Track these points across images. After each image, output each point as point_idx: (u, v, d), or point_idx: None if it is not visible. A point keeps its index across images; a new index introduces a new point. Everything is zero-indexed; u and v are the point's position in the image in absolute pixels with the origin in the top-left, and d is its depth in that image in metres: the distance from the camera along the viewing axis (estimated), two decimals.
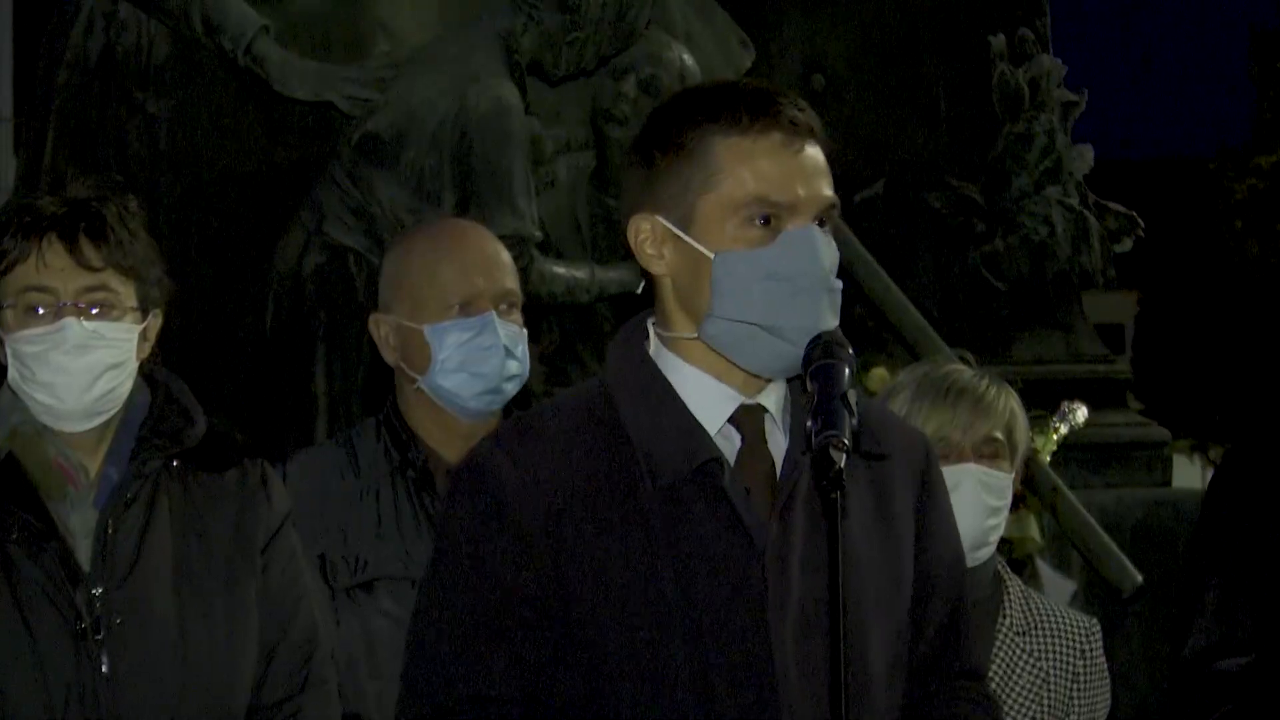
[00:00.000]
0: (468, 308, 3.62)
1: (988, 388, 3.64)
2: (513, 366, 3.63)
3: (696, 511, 2.55)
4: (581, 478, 2.56)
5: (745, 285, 2.54)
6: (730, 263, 2.55)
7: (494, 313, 3.61)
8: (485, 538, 2.57)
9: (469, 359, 3.60)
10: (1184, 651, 3.22)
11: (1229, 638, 3.17)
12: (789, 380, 2.64)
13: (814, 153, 2.59)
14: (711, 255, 2.56)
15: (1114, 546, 6.36)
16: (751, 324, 2.55)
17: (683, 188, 2.58)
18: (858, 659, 2.57)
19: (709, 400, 2.60)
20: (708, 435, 2.58)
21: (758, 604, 2.53)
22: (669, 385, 2.61)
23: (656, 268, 2.62)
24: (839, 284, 2.59)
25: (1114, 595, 6.28)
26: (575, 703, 2.55)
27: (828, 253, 2.57)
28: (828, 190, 2.59)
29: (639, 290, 5.93)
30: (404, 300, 3.68)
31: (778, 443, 2.62)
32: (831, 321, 2.57)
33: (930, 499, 2.74)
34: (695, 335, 2.61)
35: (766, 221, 2.55)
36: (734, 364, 2.59)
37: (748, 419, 2.61)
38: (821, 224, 2.59)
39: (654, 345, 2.66)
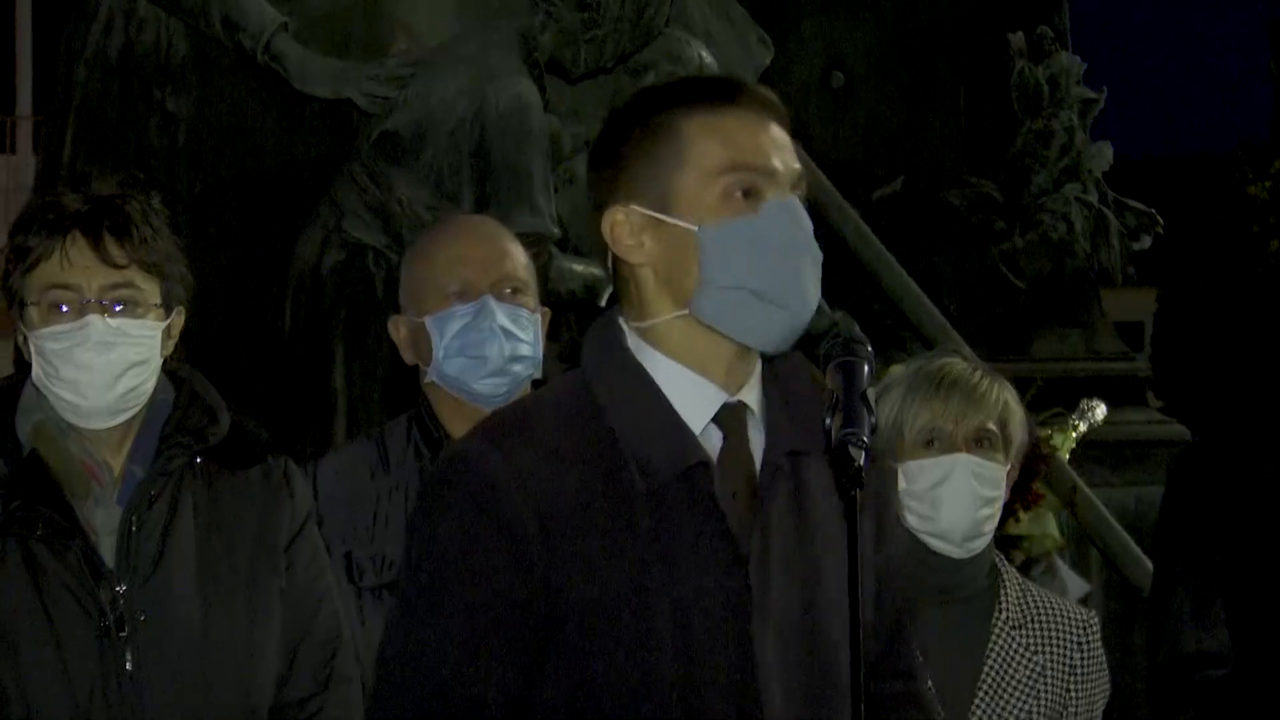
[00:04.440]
0: (463, 294, 3.63)
1: (980, 379, 3.65)
2: (520, 348, 3.63)
3: (683, 516, 2.51)
4: (572, 478, 2.50)
5: (733, 254, 2.51)
6: (716, 233, 2.52)
7: (490, 296, 3.62)
8: (475, 537, 2.48)
9: (468, 343, 3.61)
10: (1160, 657, 3.22)
11: (1205, 645, 3.16)
12: (763, 380, 2.61)
13: (780, 131, 2.58)
14: (695, 228, 2.53)
15: (1133, 545, 6.35)
16: (742, 289, 2.51)
17: (654, 170, 2.55)
18: (833, 662, 2.54)
19: (692, 398, 2.55)
20: (694, 436, 2.54)
21: (742, 612, 2.50)
22: (653, 382, 2.56)
23: (635, 257, 2.57)
24: (820, 254, 2.58)
25: (1133, 594, 6.27)
26: (561, 709, 2.49)
27: (808, 222, 2.56)
28: (796, 164, 2.59)
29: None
30: (410, 298, 3.72)
31: (757, 444, 2.58)
32: (815, 290, 2.56)
33: (886, 503, 2.72)
34: (684, 313, 2.55)
35: (747, 194, 2.53)
36: (725, 337, 2.54)
37: (730, 418, 2.56)
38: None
39: (632, 340, 2.60)
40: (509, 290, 3.66)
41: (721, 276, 2.52)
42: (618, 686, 2.47)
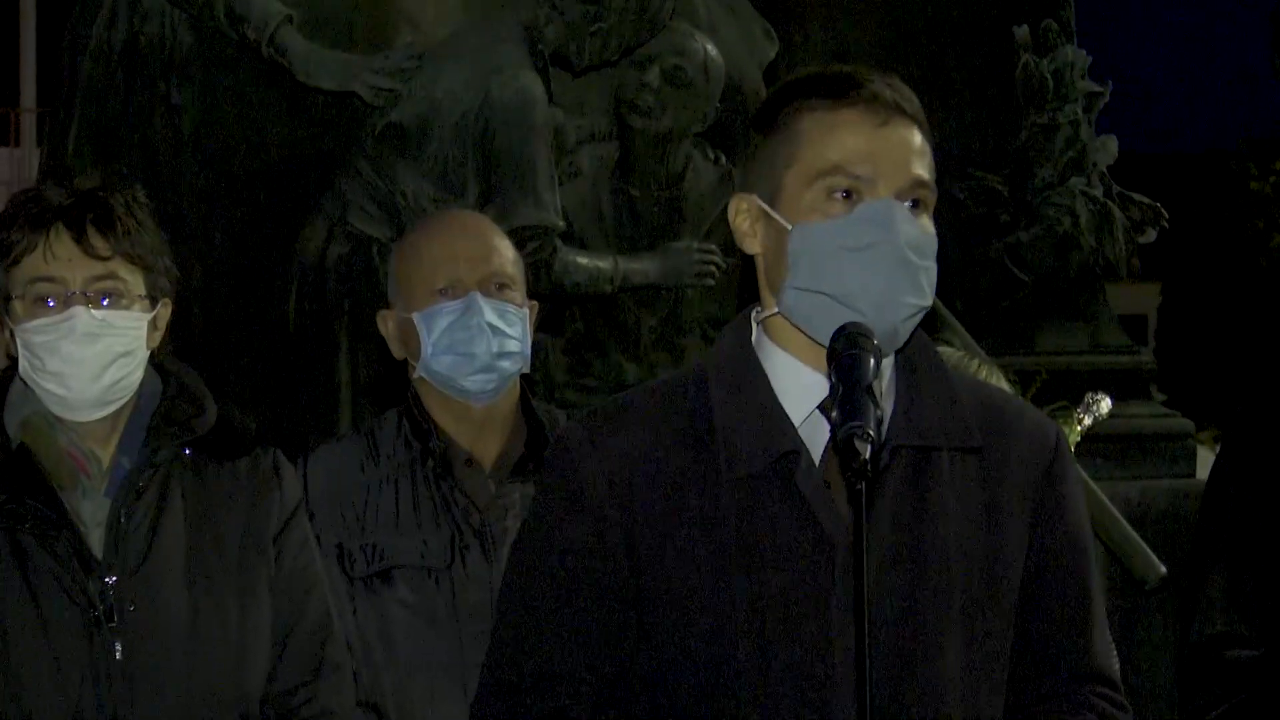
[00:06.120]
0: (451, 290, 3.66)
1: (979, 368, 3.65)
2: (507, 344, 3.65)
3: (770, 504, 2.52)
4: (659, 464, 2.55)
5: (819, 255, 2.52)
6: (805, 233, 2.53)
7: (477, 293, 3.64)
8: (560, 520, 2.58)
9: (456, 340, 3.63)
10: (1191, 638, 3.22)
11: (1237, 627, 3.16)
12: (896, 373, 2.60)
13: (904, 131, 2.56)
14: (790, 227, 2.54)
15: (1138, 538, 6.34)
16: (821, 293, 2.52)
17: (772, 164, 2.58)
18: (928, 657, 2.53)
19: (798, 387, 2.57)
20: (791, 425, 2.55)
21: (823, 600, 2.51)
22: (762, 372, 2.59)
23: (750, 246, 2.63)
24: (925, 261, 2.56)
25: (1138, 587, 6.27)
26: (643, 686, 2.54)
27: (909, 228, 2.53)
28: (916, 169, 2.56)
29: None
30: (399, 293, 3.75)
31: None
32: (912, 298, 2.54)
33: (1052, 494, 2.66)
34: (776, 310, 2.59)
35: (847, 195, 2.53)
36: (810, 338, 2.56)
37: None
38: (915, 205, 2.55)
39: (756, 332, 2.64)
40: (496, 286, 3.68)
41: (802, 278, 2.54)
42: (695, 667, 2.51)
